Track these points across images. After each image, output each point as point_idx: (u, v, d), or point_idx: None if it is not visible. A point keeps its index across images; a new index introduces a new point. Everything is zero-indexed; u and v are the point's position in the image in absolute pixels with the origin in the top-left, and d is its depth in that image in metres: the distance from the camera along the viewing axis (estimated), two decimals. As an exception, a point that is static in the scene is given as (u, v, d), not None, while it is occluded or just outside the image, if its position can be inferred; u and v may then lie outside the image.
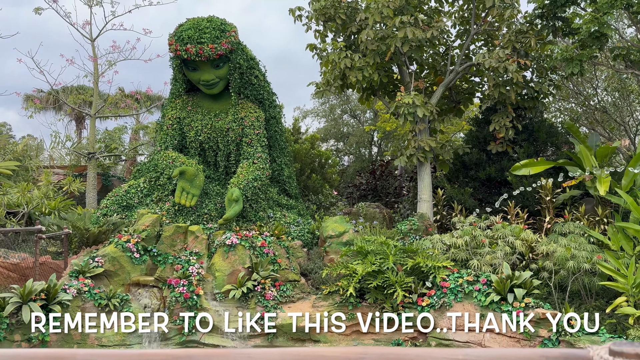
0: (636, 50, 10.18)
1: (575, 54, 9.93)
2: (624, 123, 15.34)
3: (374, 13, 10.53)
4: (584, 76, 13.76)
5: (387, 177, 15.91)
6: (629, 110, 15.91)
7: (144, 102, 19.04)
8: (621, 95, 15.32)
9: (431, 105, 11.01)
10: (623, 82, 14.98)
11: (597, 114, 15.48)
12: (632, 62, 10.35)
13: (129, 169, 17.74)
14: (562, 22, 10.89)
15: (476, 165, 12.61)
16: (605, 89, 15.95)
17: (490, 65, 10.33)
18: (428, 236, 9.54)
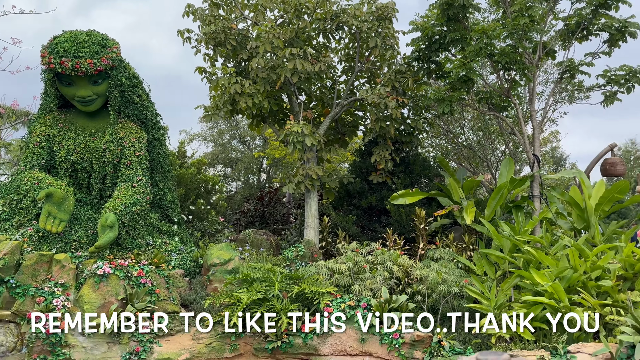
0: (497, 95, 11.49)
1: (446, 95, 10.93)
2: (486, 159, 17.13)
3: (264, 42, 10.70)
4: (453, 116, 15.20)
5: (276, 204, 15.97)
6: (491, 148, 17.83)
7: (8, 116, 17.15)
8: (484, 134, 17.15)
9: (319, 135, 11.34)
10: (486, 122, 16.81)
11: (464, 150, 17.12)
12: (494, 105, 11.65)
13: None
14: (436, 65, 11.97)
15: (359, 194, 13.17)
16: (471, 128, 17.75)
17: (373, 101, 10.97)
18: (313, 262, 9.68)
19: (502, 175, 11.14)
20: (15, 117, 16.36)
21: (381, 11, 11.31)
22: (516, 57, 10.19)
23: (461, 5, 10.01)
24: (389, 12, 11.38)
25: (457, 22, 10.79)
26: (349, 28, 11.71)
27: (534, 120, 11.20)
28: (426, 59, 11.69)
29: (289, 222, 15.48)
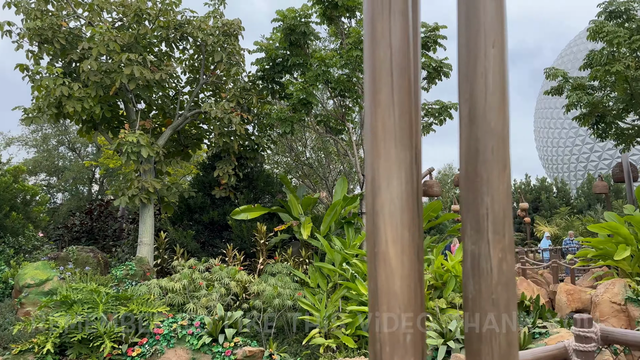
0: (334, 119, 12.30)
1: (288, 115, 11.39)
2: (325, 178, 18.14)
3: (99, 44, 9.99)
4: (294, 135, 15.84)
5: (107, 219, 14.80)
6: (329, 167, 18.95)
7: None
8: (325, 154, 18.18)
9: (158, 147, 10.89)
10: (325, 143, 17.83)
11: (305, 168, 17.91)
12: (331, 128, 12.45)
13: None
14: (279, 86, 12.41)
15: (201, 209, 12.91)
16: (312, 147, 18.67)
17: (216, 115, 10.92)
18: (145, 281, 9.19)
19: (337, 193, 11.91)
20: None
21: (227, 27, 11.39)
22: (350, 86, 11.07)
23: (302, 32, 10.57)
24: (235, 29, 11.51)
25: (299, 48, 11.36)
26: (194, 40, 11.54)
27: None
28: (270, 79, 12.05)
29: (121, 238, 14.47)
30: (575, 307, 10.39)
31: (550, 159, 47.28)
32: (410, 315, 0.73)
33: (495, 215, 0.77)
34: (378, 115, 0.76)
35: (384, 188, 0.75)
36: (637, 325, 8.62)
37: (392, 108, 0.76)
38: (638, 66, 12.20)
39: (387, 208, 0.74)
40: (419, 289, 0.74)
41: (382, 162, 0.76)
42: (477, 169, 0.77)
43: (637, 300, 8.83)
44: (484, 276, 0.76)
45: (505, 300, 0.77)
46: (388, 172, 0.75)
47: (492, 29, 0.79)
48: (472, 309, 0.77)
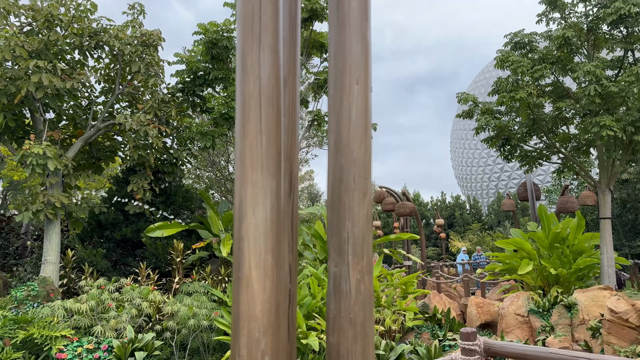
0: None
1: (210, 129, 11.22)
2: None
3: (4, 50, 9.32)
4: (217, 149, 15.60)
5: (8, 235, 13.66)
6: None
7: None
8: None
9: (67, 159, 10.27)
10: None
11: (228, 183, 17.65)
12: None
13: None
14: (200, 99, 12.21)
15: (112, 226, 12.29)
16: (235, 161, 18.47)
17: (132, 127, 10.52)
18: (49, 302, 8.56)
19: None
20: None
21: (146, 37, 11.07)
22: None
23: (225, 46, 10.52)
24: (155, 40, 11.22)
25: (221, 62, 11.28)
26: (111, 49, 11.10)
27: (288, 160, 12.33)
28: (191, 92, 11.84)
29: (24, 257, 13.40)
30: (485, 319, 10.98)
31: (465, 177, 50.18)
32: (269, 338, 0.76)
33: (355, 238, 0.83)
34: (246, 144, 0.79)
35: (250, 214, 0.78)
36: (538, 335, 9.30)
37: (259, 137, 0.79)
38: (539, 94, 13.35)
39: (252, 233, 0.77)
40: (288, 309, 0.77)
41: (248, 189, 0.79)
42: (341, 195, 0.83)
43: (538, 312, 9.51)
44: (343, 296, 0.81)
45: (362, 319, 0.82)
46: (254, 198, 0.78)
47: (357, 68, 0.85)
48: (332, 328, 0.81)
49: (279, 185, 0.82)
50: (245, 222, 0.80)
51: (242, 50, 0.83)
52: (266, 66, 0.83)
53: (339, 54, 0.86)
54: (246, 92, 0.83)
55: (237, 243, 0.80)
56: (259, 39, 0.83)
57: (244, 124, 0.82)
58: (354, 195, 0.83)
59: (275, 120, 0.82)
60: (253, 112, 0.82)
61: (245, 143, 0.81)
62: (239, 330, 0.77)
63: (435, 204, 36.16)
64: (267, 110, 0.82)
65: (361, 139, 0.86)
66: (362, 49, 0.87)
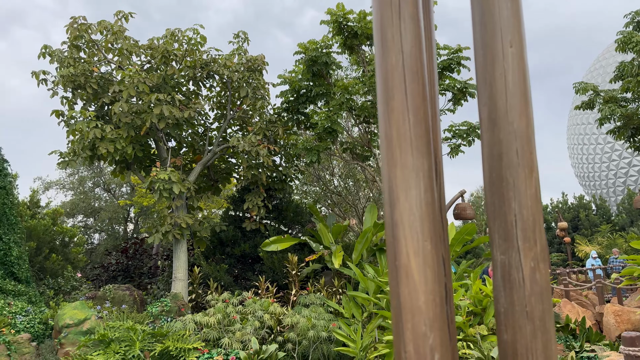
0: (359, 146, 12.30)
1: (314, 144, 11.45)
2: (354, 205, 18.03)
3: (129, 87, 10.35)
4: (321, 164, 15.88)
5: (142, 256, 15.02)
6: (358, 194, 18.85)
7: None
8: (353, 181, 18.14)
9: (189, 183, 11.07)
10: (352, 170, 17.80)
11: (334, 196, 17.87)
12: (357, 155, 12.44)
13: None
14: (304, 116, 12.54)
15: (232, 242, 12.98)
16: (340, 175, 18.67)
17: (244, 148, 11.08)
18: (180, 317, 9.20)
19: (367, 220, 11.78)
20: None
21: (251, 63, 11.66)
22: (374, 112, 11.09)
23: (324, 62, 10.72)
24: (259, 65, 11.77)
25: (321, 78, 11.51)
26: (220, 77, 11.85)
27: (394, 169, 12.14)
28: (295, 110, 12.21)
29: (156, 275, 14.63)
30: (625, 328, 9.85)
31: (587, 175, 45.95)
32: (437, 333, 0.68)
33: (525, 221, 0.72)
34: (392, 122, 0.72)
35: (402, 198, 0.71)
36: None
37: (406, 114, 0.72)
38: (671, 75, 11.85)
39: (407, 219, 0.70)
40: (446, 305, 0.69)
41: (398, 172, 0.72)
42: (502, 173, 0.73)
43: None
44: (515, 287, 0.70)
45: (540, 312, 0.70)
46: (405, 181, 0.71)
47: (509, 28, 0.75)
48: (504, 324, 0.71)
49: (430, 166, 0.75)
50: (398, 207, 0.73)
51: (380, 24, 0.78)
52: (408, 37, 0.76)
53: (486, 15, 0.77)
54: (388, 67, 0.77)
55: (390, 230, 0.74)
56: (398, 9, 0.77)
57: (388, 101, 0.76)
58: (519, 171, 0.73)
59: (421, 95, 0.76)
60: (397, 88, 0.75)
61: (391, 122, 0.75)
62: (401, 324, 0.71)
63: (555, 206, 33.41)
64: (412, 85, 0.75)
65: (521, 108, 0.76)
66: (512, 8, 0.77)
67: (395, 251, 0.72)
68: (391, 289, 0.73)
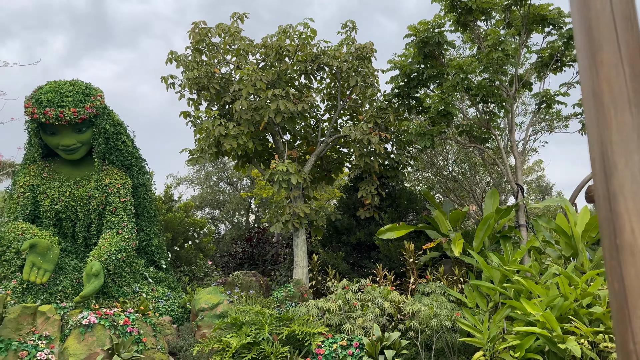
0: (477, 127, 11.71)
1: (427, 129, 11.12)
2: (471, 191, 17.27)
3: (247, 85, 10.88)
4: (435, 149, 15.38)
5: (264, 245, 15.82)
6: (476, 179, 18.02)
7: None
8: (469, 166, 17.37)
9: (304, 173, 11.40)
10: (468, 155, 17.04)
11: (449, 182, 17.25)
12: (474, 138, 11.85)
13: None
14: (415, 101, 12.23)
15: (347, 231, 13.13)
16: (455, 160, 17.98)
17: (356, 137, 11.12)
18: (304, 302, 9.53)
19: (488, 206, 11.21)
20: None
21: (360, 51, 11.63)
22: (493, 90, 10.46)
23: (436, 42, 10.33)
24: (368, 52, 11.70)
25: (434, 59, 11.11)
26: (330, 68, 11.98)
27: (515, 151, 11.39)
28: (406, 95, 11.95)
29: (278, 262, 15.32)
30: None
31: None
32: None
33: None
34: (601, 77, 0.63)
35: (621, 165, 0.61)
36: None
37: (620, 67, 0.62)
38: None
39: (628, 188, 0.60)
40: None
41: (613, 134, 0.62)
42: None
43: None
44: None
45: None
46: (625, 144, 0.61)
47: None
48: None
49: (649, 128, 0.64)
50: (617, 176, 0.64)
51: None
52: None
53: None
54: (591, 14, 0.67)
55: (605, 204, 0.64)
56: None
57: (594, 54, 0.66)
58: None
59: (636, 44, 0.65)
60: (605, 36, 0.65)
61: (600, 77, 0.66)
62: (627, 310, 0.61)
63: None
64: (625, 33, 0.65)
65: None
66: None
67: (614, 227, 0.62)
68: (610, 271, 0.64)
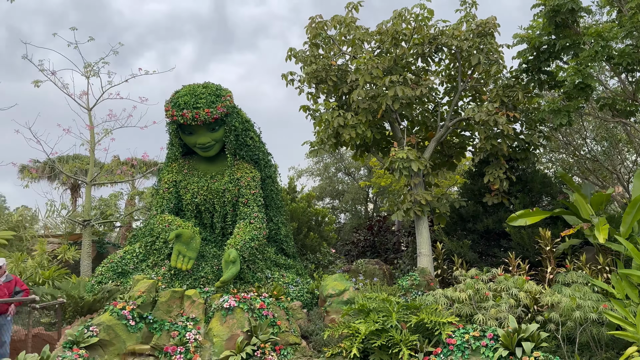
0: (621, 100, 10.48)
1: (562, 105, 10.21)
2: (615, 171, 15.53)
3: (364, 74, 10.89)
4: (572, 127, 14.08)
5: (385, 233, 15.83)
6: (620, 158, 16.17)
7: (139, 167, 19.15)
8: (610, 143, 15.63)
9: (425, 160, 11.15)
10: (610, 131, 15.33)
11: (589, 163, 15.70)
12: (618, 111, 10.63)
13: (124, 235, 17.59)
14: (547, 75, 11.28)
15: (473, 218, 12.61)
16: (594, 138, 16.30)
17: (481, 118, 10.58)
18: (430, 291, 9.37)
19: (637, 187, 10.01)
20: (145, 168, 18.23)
21: (481, 28, 11.01)
22: (639, 57, 9.26)
23: (569, 10, 9.39)
24: (490, 28, 11.03)
25: (566, 28, 10.12)
26: (449, 49, 11.53)
27: (669, 123, 10.01)
28: (536, 70, 11.08)
29: (400, 251, 15.24)
30: None
31: None
32: None
33: None
34: None
35: None
36: None
37: None
38: None
39: None
40: None
41: None
42: None
43: None
44: None
45: None
46: None
47: None
48: None
49: None
50: None
51: None
52: None
53: None
54: None
55: None
56: None
57: None
58: None
59: None
60: None
61: None
62: None
63: None
64: None
65: None
66: None
67: None
68: None
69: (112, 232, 19.06)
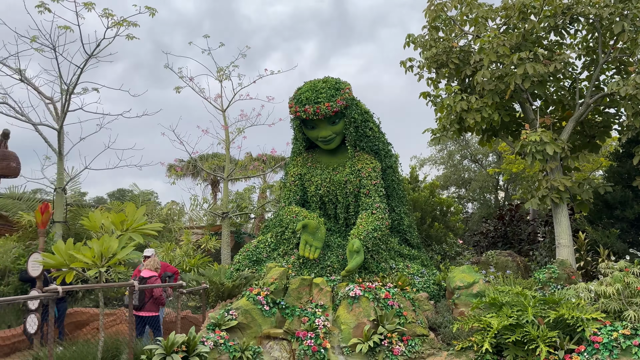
0: None
1: None
2: None
3: (489, 53, 10.28)
4: None
5: (518, 223, 14.83)
6: None
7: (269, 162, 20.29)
8: None
9: (562, 142, 10.22)
10: None
11: None
12: None
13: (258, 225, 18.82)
14: None
15: (621, 204, 11.28)
16: None
17: (627, 93, 9.39)
18: (571, 285, 8.60)
19: None
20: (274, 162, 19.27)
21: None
22: None
23: None
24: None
25: None
26: (586, 18, 10.40)
27: None
28: (697, 32, 9.52)
29: (536, 242, 14.16)
30: None
31: None
32: None
33: None
34: None
35: None
36: None
37: None
38: None
39: None
40: None
41: None
42: None
43: None
44: None
45: None
46: None
47: None
48: None
49: None
50: None
51: None
52: None
53: None
54: None
55: None
56: None
57: None
58: None
59: None
60: None
61: None
62: None
63: None
64: None
65: None
66: None
67: None
68: None
69: (248, 223, 20.49)
